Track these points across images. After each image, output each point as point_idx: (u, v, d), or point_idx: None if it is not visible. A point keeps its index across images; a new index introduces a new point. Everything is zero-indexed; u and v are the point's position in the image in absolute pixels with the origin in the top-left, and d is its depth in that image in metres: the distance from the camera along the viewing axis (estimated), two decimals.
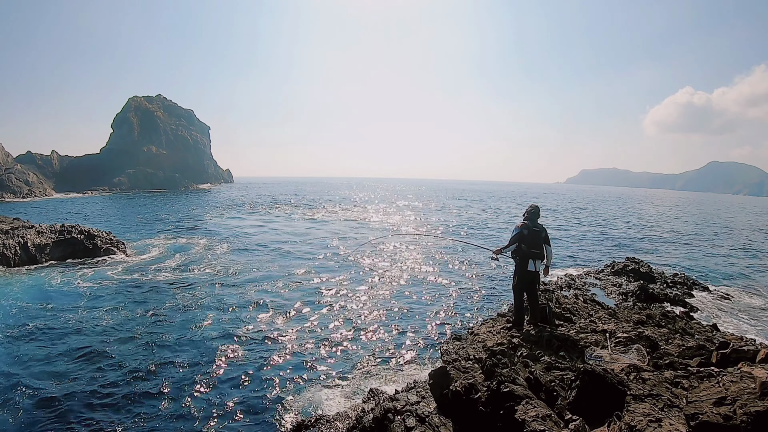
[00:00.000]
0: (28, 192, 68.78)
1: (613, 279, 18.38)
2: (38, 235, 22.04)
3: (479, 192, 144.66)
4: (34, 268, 19.71)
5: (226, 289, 16.64)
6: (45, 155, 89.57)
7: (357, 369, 10.27)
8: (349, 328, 12.78)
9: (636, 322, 7.40)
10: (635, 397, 4.24)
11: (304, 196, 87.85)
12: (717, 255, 28.60)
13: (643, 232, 41.26)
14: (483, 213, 56.73)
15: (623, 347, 5.98)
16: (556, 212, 61.60)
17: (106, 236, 23.96)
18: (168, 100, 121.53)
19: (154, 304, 14.61)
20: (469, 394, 5.04)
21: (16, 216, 28.04)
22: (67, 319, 13.04)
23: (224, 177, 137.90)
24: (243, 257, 22.90)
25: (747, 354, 4.91)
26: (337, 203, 67.38)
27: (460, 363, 6.20)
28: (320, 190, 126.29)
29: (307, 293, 16.35)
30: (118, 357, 10.55)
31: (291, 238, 29.44)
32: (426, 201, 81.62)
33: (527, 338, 6.54)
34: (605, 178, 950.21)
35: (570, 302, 9.17)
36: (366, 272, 19.95)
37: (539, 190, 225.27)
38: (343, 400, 8.89)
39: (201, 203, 62.47)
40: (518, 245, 7.03)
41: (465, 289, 17.35)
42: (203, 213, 47.35)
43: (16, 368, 9.83)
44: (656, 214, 69.72)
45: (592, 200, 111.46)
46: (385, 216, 48.34)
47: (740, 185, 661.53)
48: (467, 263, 22.55)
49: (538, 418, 4.23)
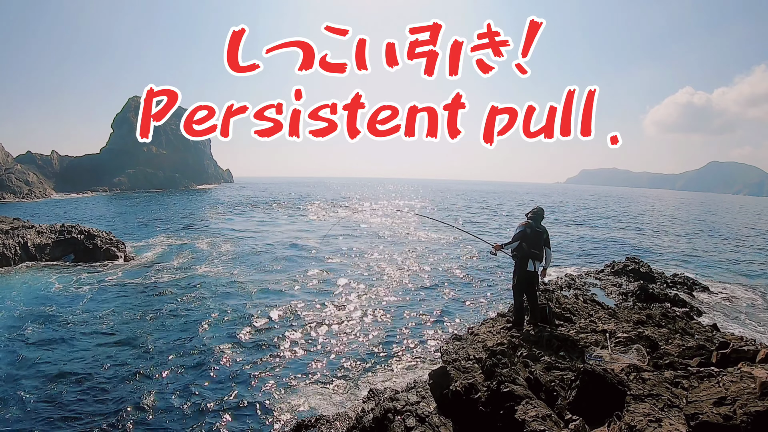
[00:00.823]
0: (28, 192, 68.77)
1: (613, 279, 18.38)
2: (38, 235, 22.05)
3: (481, 193, 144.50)
4: (33, 265, 19.72)
5: (225, 289, 16.63)
6: (45, 155, 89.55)
7: (357, 369, 10.27)
8: (349, 328, 12.79)
9: (636, 322, 7.40)
10: (635, 397, 4.24)
11: (304, 196, 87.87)
12: (717, 255, 28.60)
13: (643, 231, 41.27)
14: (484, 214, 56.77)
15: (623, 347, 5.97)
16: (556, 212, 61.60)
17: (106, 236, 23.96)
18: None
19: (154, 304, 14.61)
20: (469, 394, 5.04)
21: (16, 216, 28.04)
22: (67, 319, 13.03)
23: (224, 177, 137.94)
24: (243, 257, 22.90)
25: (747, 354, 4.91)
26: (337, 203, 67.40)
27: (460, 363, 6.19)
28: (320, 190, 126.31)
29: (306, 293, 16.35)
30: (117, 357, 10.55)
31: (291, 238, 29.44)
32: (425, 201, 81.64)
33: (527, 338, 6.53)
34: (605, 178, 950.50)
35: (570, 302, 9.17)
36: (366, 272, 19.95)
37: (539, 190, 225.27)
38: (343, 400, 8.89)
39: (201, 203, 62.49)
40: (520, 243, 7.02)
41: (465, 289, 17.36)
42: (203, 213, 47.37)
43: (15, 368, 9.83)
44: (656, 214, 69.73)
45: (592, 200, 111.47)
46: (383, 218, 48.39)
47: (740, 185, 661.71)
48: (467, 263, 22.55)
49: (538, 418, 4.23)
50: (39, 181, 76.90)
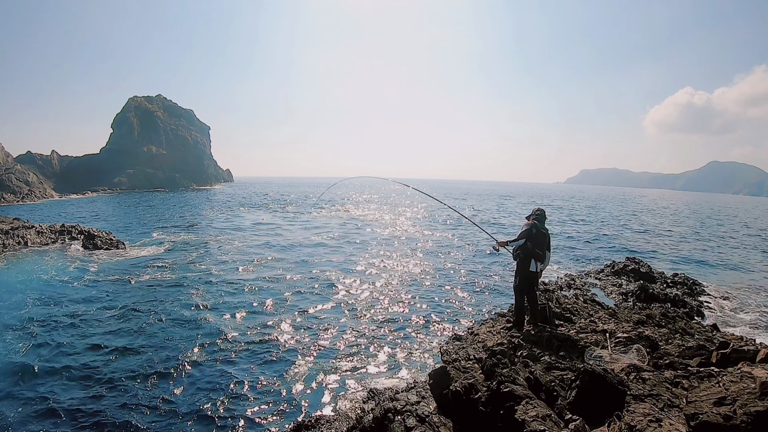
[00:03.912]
0: (28, 192, 68.74)
1: (613, 279, 18.37)
2: (38, 235, 22.06)
3: (486, 194, 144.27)
4: (32, 262, 19.73)
5: (225, 288, 16.63)
6: (45, 155, 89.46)
7: (357, 369, 10.26)
8: (349, 328, 12.77)
9: (636, 322, 7.40)
10: (635, 397, 4.24)
11: (304, 196, 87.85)
12: (717, 255, 28.59)
13: (643, 231, 41.26)
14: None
15: (623, 347, 5.97)
16: (556, 212, 61.59)
17: (105, 236, 23.99)
18: (168, 100, 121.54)
19: (153, 304, 14.60)
20: (469, 394, 5.04)
21: (16, 216, 28.04)
22: (66, 318, 13.02)
23: (224, 177, 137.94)
24: (242, 256, 22.89)
25: (747, 354, 4.91)
26: (336, 203, 67.39)
27: (460, 363, 6.19)
28: (320, 190, 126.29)
29: (305, 292, 16.34)
30: (118, 357, 10.54)
31: (290, 237, 29.43)
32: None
33: (527, 338, 6.54)
34: (605, 178, 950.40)
35: (570, 302, 9.17)
36: (365, 272, 19.95)
37: (540, 190, 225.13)
38: (343, 400, 8.88)
39: (201, 203, 62.48)
40: (525, 242, 7.03)
41: (465, 289, 17.35)
42: (203, 213, 47.37)
43: (15, 367, 9.84)
44: (656, 214, 69.71)
45: (592, 200, 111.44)
46: (381, 214, 48.35)
47: (740, 185, 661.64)
48: (467, 263, 22.55)
49: (538, 418, 4.23)
50: (39, 181, 76.85)
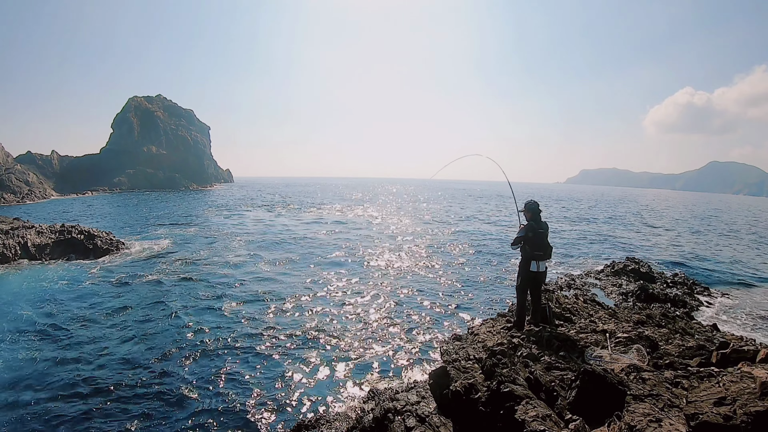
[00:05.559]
0: (28, 192, 68.76)
1: (613, 279, 18.37)
2: (38, 235, 22.06)
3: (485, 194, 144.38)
4: (32, 264, 19.71)
5: (225, 288, 16.63)
6: (45, 155, 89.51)
7: (357, 369, 10.26)
8: (349, 328, 12.78)
9: (636, 322, 7.39)
10: (635, 397, 4.24)
11: (304, 195, 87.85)
12: (717, 255, 28.58)
13: (643, 231, 41.25)
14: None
15: (623, 347, 5.97)
16: (556, 212, 61.59)
17: (106, 236, 23.99)
18: (168, 100, 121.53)
19: (154, 304, 14.60)
20: (469, 394, 5.04)
21: (16, 216, 28.05)
22: (65, 319, 13.03)
23: (224, 177, 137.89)
24: (243, 256, 22.89)
25: (747, 354, 4.91)
26: (336, 202, 67.39)
27: (460, 363, 6.19)
28: (320, 190, 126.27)
29: (306, 292, 16.35)
30: (117, 356, 10.54)
31: (291, 238, 29.44)
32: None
33: (527, 338, 6.53)
34: (605, 178, 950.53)
35: (570, 302, 9.17)
36: (365, 272, 19.95)
37: (540, 190, 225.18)
38: (343, 400, 8.89)
39: (201, 203, 62.47)
40: (523, 246, 6.97)
41: (465, 289, 17.35)
42: (203, 212, 47.36)
43: (13, 368, 9.84)
44: (656, 213, 69.71)
45: (592, 200, 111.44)
46: (385, 213, 48.35)
47: (740, 185, 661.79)
48: (467, 263, 22.54)
49: (538, 418, 4.23)
50: (39, 181, 76.87)
